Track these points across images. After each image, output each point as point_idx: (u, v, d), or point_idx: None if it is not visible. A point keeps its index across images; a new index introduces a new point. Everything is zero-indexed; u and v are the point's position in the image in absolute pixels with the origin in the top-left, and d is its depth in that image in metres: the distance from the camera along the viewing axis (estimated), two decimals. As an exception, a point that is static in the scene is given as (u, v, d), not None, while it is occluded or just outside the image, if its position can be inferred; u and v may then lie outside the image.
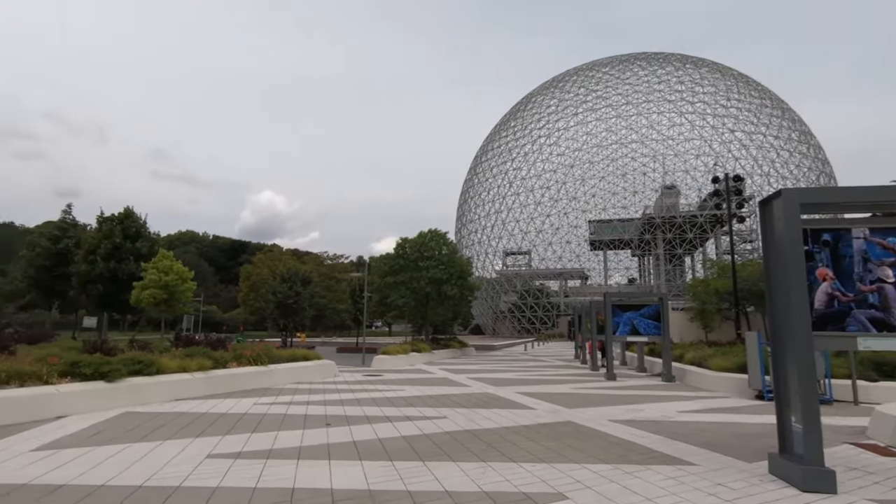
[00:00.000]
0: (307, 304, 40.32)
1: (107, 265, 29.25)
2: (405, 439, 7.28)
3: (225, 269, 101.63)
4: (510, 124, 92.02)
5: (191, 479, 5.16)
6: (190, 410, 9.57)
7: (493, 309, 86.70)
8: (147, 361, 10.90)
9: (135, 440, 7.00)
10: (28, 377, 8.94)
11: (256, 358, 14.27)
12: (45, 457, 6.01)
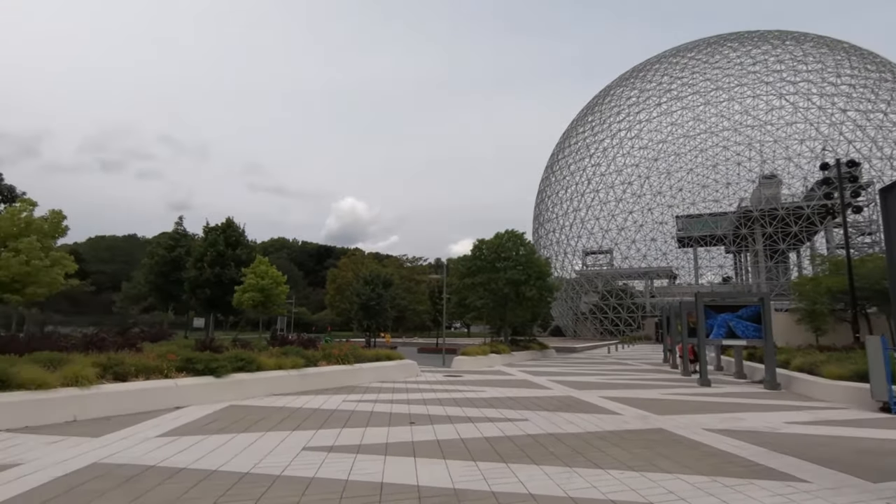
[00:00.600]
0: (389, 306, 41.70)
1: (212, 271, 32.34)
2: (487, 440, 7.32)
3: (313, 272, 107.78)
4: (587, 119, 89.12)
5: (290, 469, 5.56)
6: (286, 405, 10.29)
7: (573, 310, 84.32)
8: (249, 359, 11.86)
9: (240, 431, 7.66)
10: (152, 371, 10.09)
11: (344, 357, 15.01)
12: (167, 443, 6.76)
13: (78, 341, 12.11)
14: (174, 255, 39.13)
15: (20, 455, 5.93)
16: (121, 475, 5.24)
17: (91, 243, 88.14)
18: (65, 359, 9.34)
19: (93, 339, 12.12)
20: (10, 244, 12.07)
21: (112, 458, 5.90)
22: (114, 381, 9.30)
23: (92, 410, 8.46)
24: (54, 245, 13.50)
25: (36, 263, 12.17)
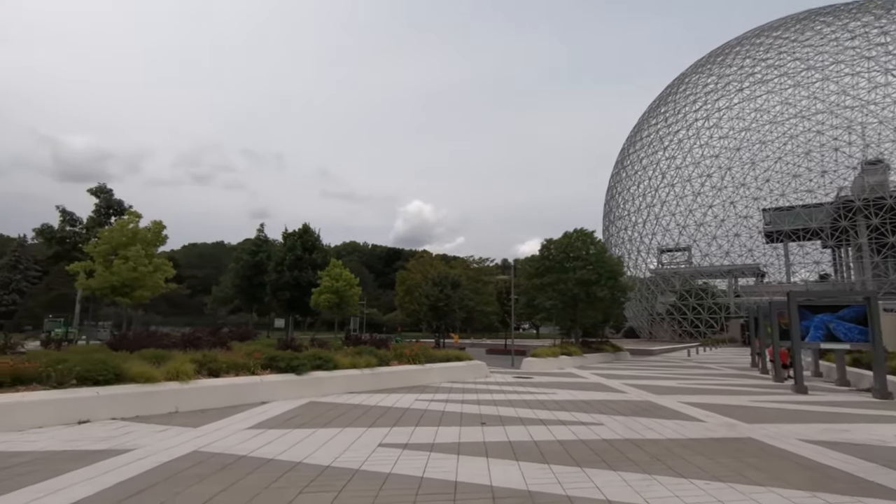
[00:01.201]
0: (457, 307, 42.02)
1: (291, 274, 34.35)
2: (560, 443, 7.20)
3: (382, 274, 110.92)
4: (660, 110, 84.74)
5: (367, 465, 5.79)
6: (361, 403, 10.69)
7: (648, 311, 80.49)
8: (326, 358, 12.45)
9: (320, 426, 8.07)
10: (240, 368, 10.87)
11: (415, 357, 15.34)
12: (256, 435, 7.26)
13: (177, 340, 13.30)
14: (257, 259, 41.90)
15: (134, 441, 6.62)
16: (217, 463, 5.71)
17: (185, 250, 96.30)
18: (167, 355, 10.30)
19: (189, 338, 13.25)
20: (121, 253, 13.54)
21: (209, 447, 6.44)
22: (208, 377, 10.12)
23: (190, 403, 9.26)
24: (156, 252, 14.95)
25: (141, 269, 13.56)
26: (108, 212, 38.90)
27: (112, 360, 9.09)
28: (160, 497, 4.48)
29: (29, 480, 4.85)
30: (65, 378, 8.16)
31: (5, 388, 7.66)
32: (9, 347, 10.54)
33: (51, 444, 6.36)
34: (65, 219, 41.86)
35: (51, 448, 6.19)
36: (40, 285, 50.60)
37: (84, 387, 8.23)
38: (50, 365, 8.35)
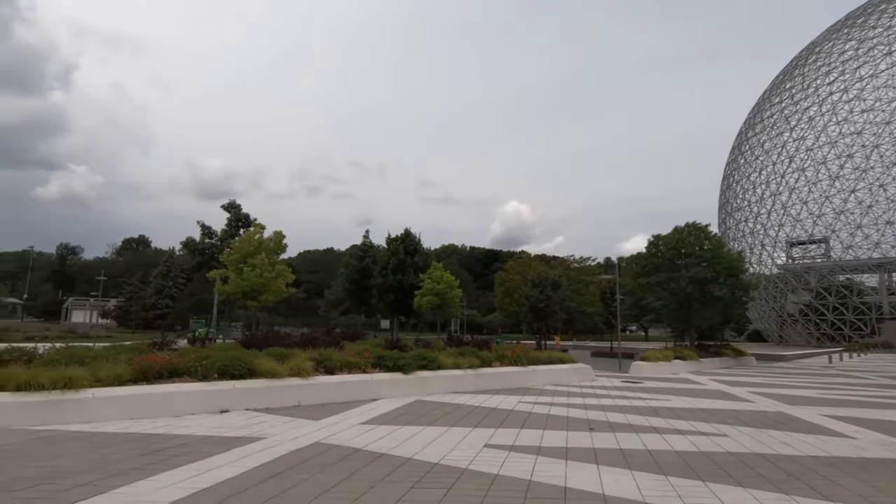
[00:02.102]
0: (558, 308, 40.95)
1: (395, 277, 35.92)
2: (678, 454, 6.71)
3: (481, 276, 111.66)
4: (785, 86, 75.55)
5: (474, 464, 5.86)
6: (465, 403, 10.85)
7: (776, 311, 72.03)
8: (430, 358, 12.83)
9: (427, 424, 8.33)
10: (352, 366, 11.58)
11: (517, 359, 15.23)
12: (368, 430, 7.69)
13: (297, 339, 14.52)
14: (363, 264, 44.37)
15: (264, 430, 7.36)
16: (337, 454, 6.15)
17: (301, 257, 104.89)
18: (289, 353, 11.28)
19: (307, 338, 14.40)
20: (249, 261, 15.15)
21: (329, 439, 6.95)
22: (325, 374, 10.92)
23: (310, 397, 10.07)
24: (277, 260, 16.49)
25: (266, 276, 15.06)
26: (238, 224, 43.71)
27: (245, 356, 10.18)
28: (291, 482, 4.93)
29: (185, 461, 5.60)
30: (208, 372, 9.29)
31: (164, 379, 8.92)
32: (165, 345, 12.26)
33: (200, 430, 7.28)
34: (204, 232, 47.91)
35: (200, 433, 7.09)
36: (186, 291, 58.12)
37: (223, 380, 9.31)
38: (197, 360, 9.56)
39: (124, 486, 4.63)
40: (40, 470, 5.13)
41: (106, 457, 5.71)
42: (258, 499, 4.41)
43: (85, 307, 71.25)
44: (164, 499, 4.32)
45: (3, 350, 9.36)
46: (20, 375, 7.71)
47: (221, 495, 4.46)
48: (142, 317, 56.85)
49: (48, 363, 8.74)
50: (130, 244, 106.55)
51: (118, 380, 8.42)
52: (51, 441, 6.46)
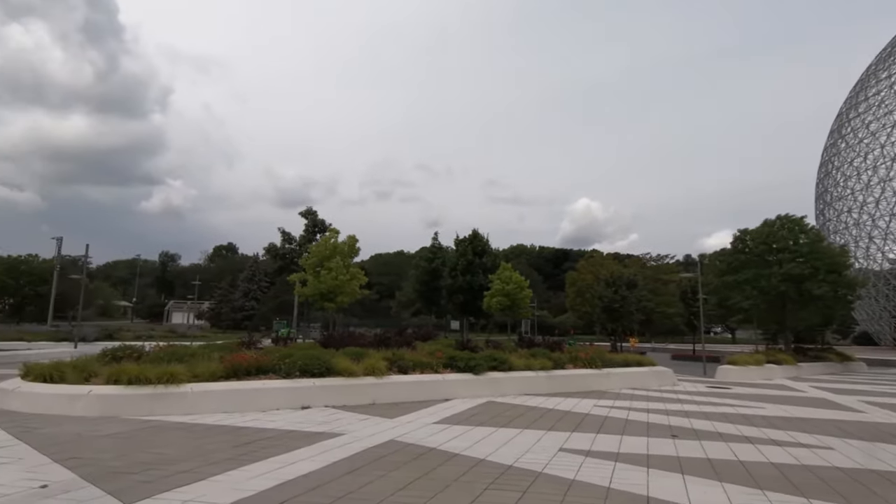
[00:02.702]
0: (634, 308, 39.22)
1: (464, 278, 36.21)
2: (776, 467, 6.17)
3: (551, 276, 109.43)
4: (893, 59, 67.37)
5: (549, 468, 5.73)
6: (538, 405, 10.66)
7: (889, 311, 64.32)
8: (501, 359, 12.75)
9: (500, 426, 8.27)
10: (425, 366, 11.77)
11: (591, 361, 14.76)
12: (442, 430, 7.77)
13: (371, 339, 14.99)
14: (433, 266, 45.12)
15: (342, 427, 7.65)
16: (412, 452, 6.26)
17: (373, 260, 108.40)
18: (364, 353, 11.67)
19: (381, 338, 14.82)
20: (325, 264, 15.90)
21: (403, 437, 7.10)
22: (398, 373, 11.18)
23: (384, 396, 10.34)
24: (351, 263, 17.16)
25: (341, 278, 15.73)
26: (315, 230, 46.04)
27: (323, 356, 10.67)
28: (368, 478, 5.09)
29: (271, 453, 5.95)
30: (291, 370, 9.83)
31: (251, 376, 9.54)
32: (252, 344, 13.12)
33: (284, 425, 7.72)
34: (285, 238, 50.98)
35: (284, 428, 7.50)
36: (269, 293, 61.98)
37: (304, 378, 9.80)
38: (280, 359, 10.15)
39: (219, 475, 5.00)
40: (151, 456, 5.67)
41: (204, 447, 6.20)
42: (337, 493, 4.59)
43: (183, 309, 78.19)
44: (253, 488, 4.61)
45: (118, 348, 10.47)
46: (131, 370, 8.58)
47: (304, 488, 4.69)
48: (231, 318, 61.36)
49: (154, 360, 9.66)
50: (220, 251, 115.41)
51: (212, 376, 9.13)
52: (158, 430, 7.12)
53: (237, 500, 4.29)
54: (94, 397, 8.14)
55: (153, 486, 4.57)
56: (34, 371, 9.03)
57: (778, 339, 30.43)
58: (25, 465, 5.18)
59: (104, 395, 8.21)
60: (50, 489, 4.43)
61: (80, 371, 9.01)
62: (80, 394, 8.19)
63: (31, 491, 4.38)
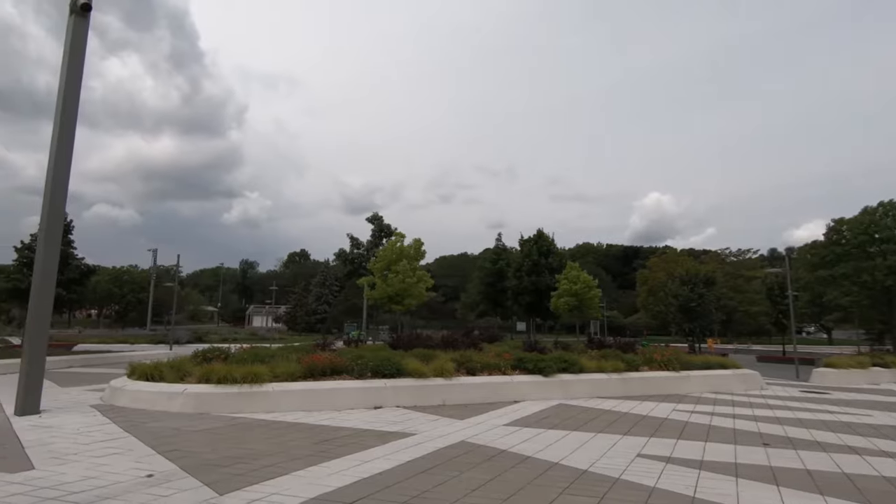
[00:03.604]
0: (713, 307, 36.86)
1: (529, 279, 35.74)
2: (888, 481, 5.55)
3: (620, 275, 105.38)
4: None
5: (627, 474, 5.51)
6: (612, 409, 10.29)
7: None
8: (571, 361, 12.44)
9: (572, 429, 8.07)
10: (493, 368, 11.72)
11: (667, 363, 14.05)
12: (512, 432, 7.70)
13: (438, 341, 15.16)
14: (497, 267, 44.99)
15: (414, 427, 7.79)
16: (483, 454, 6.25)
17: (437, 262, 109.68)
18: (432, 354, 11.82)
19: (448, 340, 14.95)
20: (393, 268, 16.32)
21: (474, 438, 7.11)
22: (466, 375, 11.21)
23: (454, 397, 10.41)
24: (418, 266, 17.47)
25: (408, 281, 16.07)
26: (381, 234, 47.39)
27: (393, 357, 10.93)
28: (440, 478, 5.14)
29: (348, 451, 6.17)
30: (363, 371, 10.15)
31: (327, 376, 9.95)
32: (326, 345, 13.71)
33: (358, 424, 7.98)
34: (353, 243, 52.90)
35: (359, 427, 7.76)
36: (340, 297, 64.54)
37: (376, 378, 10.09)
38: (353, 360, 10.51)
39: (301, 470, 5.26)
40: (240, 451, 6.07)
41: (286, 443, 6.55)
42: (412, 492, 4.67)
43: (262, 313, 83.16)
44: (332, 484, 4.80)
45: (207, 350, 11.30)
46: (220, 370, 9.24)
47: (380, 486, 4.81)
48: (305, 321, 64.43)
49: (238, 361, 10.33)
50: (294, 257, 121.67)
51: (291, 376, 9.63)
52: (245, 427, 7.61)
53: (318, 494, 4.48)
54: (189, 395, 8.84)
55: (243, 479, 4.89)
56: (138, 370, 9.97)
57: (885, 340, 27.42)
58: (134, 456, 5.72)
59: (197, 393, 8.89)
60: (155, 478, 4.86)
61: (176, 371, 9.83)
62: (176, 392, 8.93)
63: (140, 479, 4.83)
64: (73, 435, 6.78)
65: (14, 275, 30.66)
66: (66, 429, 7.17)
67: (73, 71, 9.06)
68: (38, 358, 8.52)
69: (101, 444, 6.25)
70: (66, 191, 9.11)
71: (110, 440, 6.51)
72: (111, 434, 6.87)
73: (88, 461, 5.47)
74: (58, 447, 6.09)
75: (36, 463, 5.39)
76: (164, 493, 4.42)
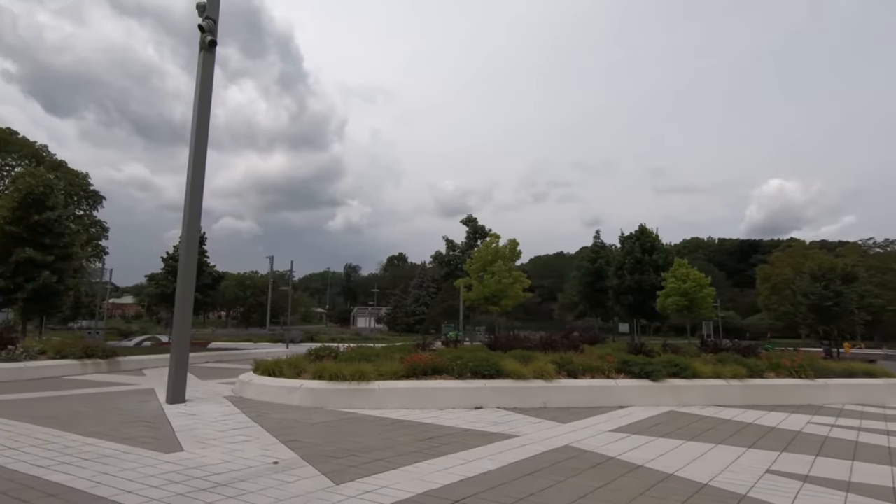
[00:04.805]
0: (854, 307, 32.18)
1: (632, 278, 33.78)
2: None
3: (736, 272, 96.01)
4: None
5: (756, 492, 4.99)
6: (733, 418, 9.40)
7: None
8: (683, 365, 11.57)
9: (687, 438, 7.49)
10: (595, 371, 11.27)
11: (798, 369, 12.53)
12: (619, 438, 7.33)
13: (536, 343, 14.91)
14: (596, 266, 43.22)
15: (516, 429, 7.73)
16: (588, 460, 6.03)
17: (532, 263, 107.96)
18: (530, 356, 11.66)
19: (546, 341, 14.66)
20: (488, 269, 16.36)
21: (579, 443, 6.88)
22: (567, 377, 10.90)
23: (555, 400, 10.17)
24: (514, 267, 17.34)
25: (504, 282, 16.01)
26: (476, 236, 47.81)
27: (492, 358, 10.94)
28: (546, 482, 5.04)
29: (452, 449, 6.28)
30: (462, 371, 10.28)
31: (428, 376, 10.23)
32: (426, 346, 14.11)
33: (460, 423, 8.09)
34: (449, 246, 53.94)
35: (461, 426, 7.87)
36: (437, 298, 66.11)
37: (475, 379, 10.16)
38: (452, 360, 10.70)
39: (409, 466, 5.45)
40: (351, 444, 6.46)
41: (393, 439, 6.84)
42: (518, 494, 4.63)
43: (365, 314, 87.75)
44: (438, 481, 4.91)
45: (319, 348, 12.18)
46: (331, 368, 9.90)
47: (485, 486, 4.83)
48: (404, 322, 66.89)
49: (346, 359, 11.00)
50: (393, 261, 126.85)
51: (395, 375, 10.03)
52: (355, 422, 8.07)
53: (426, 490, 4.62)
54: (305, 390, 9.58)
55: (356, 471, 5.18)
56: (262, 367, 11.01)
57: None
58: (261, 444, 6.31)
59: (312, 388, 9.61)
60: (280, 466, 5.33)
61: (293, 367, 10.71)
62: (294, 387, 9.73)
63: (267, 465, 5.32)
64: (212, 422, 7.66)
65: (162, 281, 35.47)
66: (206, 417, 8.12)
67: (204, 100, 10.27)
68: (183, 354, 9.75)
69: (234, 432, 7.00)
70: (201, 207, 10.34)
71: (241, 428, 7.26)
72: (241, 423, 7.66)
73: (225, 446, 6.14)
74: (200, 433, 6.91)
75: (184, 445, 6.17)
76: (288, 480, 4.83)
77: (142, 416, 8.10)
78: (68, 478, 4.76)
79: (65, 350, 14.78)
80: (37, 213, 25.06)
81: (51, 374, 13.31)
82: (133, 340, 28.66)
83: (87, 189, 48.77)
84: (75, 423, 7.35)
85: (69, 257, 26.77)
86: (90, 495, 4.30)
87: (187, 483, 4.67)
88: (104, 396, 10.33)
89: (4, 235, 24.37)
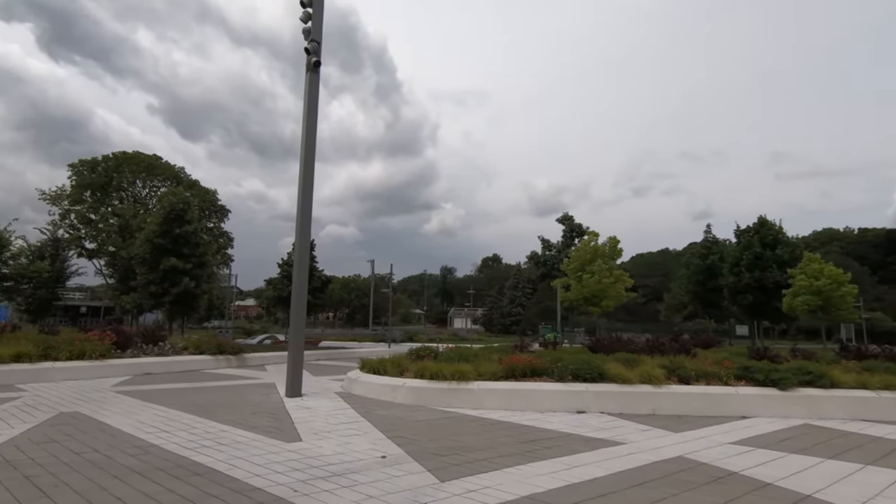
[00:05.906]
0: None
1: (751, 275, 30.54)
2: None
3: (882, 267, 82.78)
4: None
5: (919, 522, 4.28)
6: (885, 436, 8.14)
7: None
8: (817, 372, 10.26)
9: (826, 456, 6.62)
10: (710, 377, 10.37)
11: (974, 381, 10.50)
12: (742, 452, 6.67)
13: (642, 345, 14.09)
14: (708, 263, 39.72)
15: (623, 436, 7.36)
16: (706, 473, 5.57)
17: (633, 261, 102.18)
18: (636, 359, 11.04)
19: (653, 344, 13.79)
20: (587, 268, 15.78)
21: (694, 455, 6.38)
22: (678, 383, 10.15)
23: (664, 407, 9.53)
24: (615, 265, 16.56)
25: (605, 281, 15.33)
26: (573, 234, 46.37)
27: (594, 360, 10.53)
28: (658, 494, 4.75)
29: (555, 453, 6.15)
30: (563, 374, 10.02)
31: (527, 377, 10.11)
32: (524, 347, 13.96)
33: (562, 427, 7.89)
34: (544, 245, 52.94)
35: (563, 430, 7.67)
36: (533, 299, 65.06)
37: (577, 382, 9.85)
38: (552, 362, 10.47)
39: (511, 468, 5.43)
40: (453, 442, 6.58)
41: (494, 440, 6.85)
42: None
43: (461, 315, 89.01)
44: (542, 485, 4.83)
45: (419, 348, 12.56)
46: (431, 367, 10.18)
47: (592, 493, 4.67)
48: (500, 323, 66.71)
49: (446, 359, 11.22)
50: (487, 262, 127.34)
51: (493, 376, 10.05)
52: (455, 421, 8.21)
53: (530, 493, 4.57)
54: (408, 388, 9.94)
55: (459, 469, 5.28)
56: (367, 365, 11.63)
57: None
58: (369, 438, 6.66)
59: (414, 387, 9.94)
60: (388, 460, 5.58)
61: (396, 366, 11.16)
62: (397, 385, 10.14)
63: (376, 459, 5.60)
64: (325, 416, 8.24)
65: (278, 285, 38.98)
66: (320, 411, 8.75)
67: (311, 117, 11.11)
68: (299, 353, 10.61)
69: (345, 426, 7.46)
70: (311, 216, 11.19)
71: (351, 423, 7.72)
72: (351, 418, 8.14)
73: (337, 439, 6.58)
74: (316, 425, 7.47)
75: (303, 436, 6.70)
76: (396, 474, 5.04)
77: (266, 408, 8.94)
78: (210, 459, 5.40)
79: (202, 346, 16.78)
80: (178, 226, 28.87)
81: (192, 368, 15.20)
82: (255, 339, 31.83)
83: (216, 204, 55.20)
84: (213, 412, 8.32)
85: (204, 265, 30.43)
86: (228, 476, 4.84)
87: (306, 471, 5.07)
88: (234, 389, 11.57)
89: (154, 248, 28.33)
